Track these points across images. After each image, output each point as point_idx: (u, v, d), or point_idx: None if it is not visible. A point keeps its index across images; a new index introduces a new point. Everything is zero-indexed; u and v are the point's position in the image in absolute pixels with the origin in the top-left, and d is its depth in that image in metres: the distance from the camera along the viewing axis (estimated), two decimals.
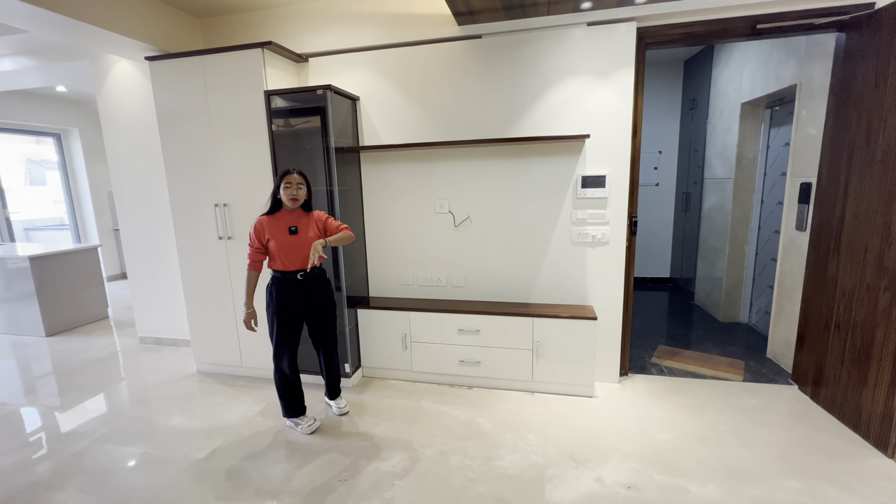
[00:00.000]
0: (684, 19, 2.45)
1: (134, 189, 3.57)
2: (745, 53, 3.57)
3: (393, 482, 1.95)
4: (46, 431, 2.50)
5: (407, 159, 2.94)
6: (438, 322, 2.79)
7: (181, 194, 2.91)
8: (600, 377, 2.84)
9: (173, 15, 3.01)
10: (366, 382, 2.94)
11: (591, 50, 2.55)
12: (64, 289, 4.26)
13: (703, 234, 4.36)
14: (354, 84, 2.92)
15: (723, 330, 3.78)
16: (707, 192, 4.28)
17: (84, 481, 2.03)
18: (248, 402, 2.71)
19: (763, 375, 2.91)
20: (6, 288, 4.14)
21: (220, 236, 2.87)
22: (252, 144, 2.70)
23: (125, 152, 3.53)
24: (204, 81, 2.71)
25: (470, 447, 2.19)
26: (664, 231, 5.32)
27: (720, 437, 2.23)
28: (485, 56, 2.70)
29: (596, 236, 2.72)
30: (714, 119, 4.13)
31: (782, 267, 3.01)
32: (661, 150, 5.19)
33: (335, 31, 2.91)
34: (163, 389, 2.94)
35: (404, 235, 3.05)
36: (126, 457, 2.21)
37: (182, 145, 2.84)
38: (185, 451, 2.24)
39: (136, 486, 1.99)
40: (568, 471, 2.00)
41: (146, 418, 2.58)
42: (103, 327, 4.33)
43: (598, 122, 2.60)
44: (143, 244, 3.66)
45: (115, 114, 3.49)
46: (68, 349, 3.77)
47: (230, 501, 1.86)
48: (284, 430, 2.40)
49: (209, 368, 3.15)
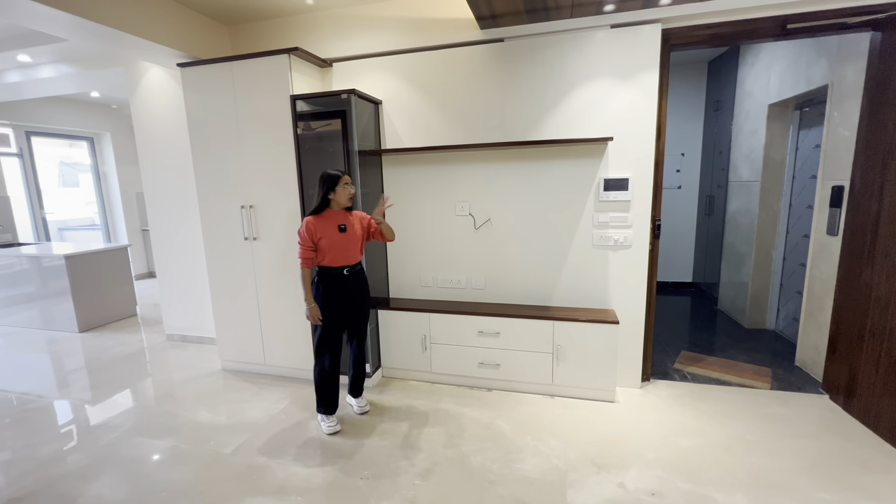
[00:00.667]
0: (711, 20, 2.41)
1: (163, 191, 3.69)
2: (773, 53, 3.49)
3: (414, 482, 1.97)
4: (80, 424, 2.61)
5: (428, 162, 2.96)
6: (458, 324, 2.80)
7: (209, 196, 3.00)
8: (622, 382, 2.80)
9: (204, 23, 3.11)
10: (385, 382, 2.97)
11: (614, 52, 2.53)
12: (96, 286, 4.42)
13: (728, 238, 4.26)
14: (377, 88, 2.96)
15: (748, 336, 3.68)
16: (732, 196, 4.18)
17: (116, 472, 2.11)
18: (272, 400, 2.77)
19: (791, 384, 2.83)
20: (42, 285, 4.32)
21: (246, 237, 2.95)
22: (277, 148, 2.77)
23: (156, 155, 3.66)
24: (232, 87, 2.79)
25: (490, 449, 2.19)
26: (686, 235, 5.22)
27: (746, 445, 2.18)
28: (507, 59, 2.71)
29: (618, 240, 2.69)
30: (740, 121, 4.05)
31: (812, 272, 2.92)
32: (684, 153, 5.10)
33: (359, 36, 2.96)
34: (189, 386, 3.03)
35: (425, 237, 3.07)
36: (155, 450, 2.28)
37: (210, 149, 2.93)
38: (211, 445, 2.30)
39: (166, 478, 2.05)
40: (590, 476, 1.98)
41: (173, 413, 2.66)
42: (132, 324, 4.48)
43: (622, 125, 2.58)
44: (171, 244, 3.78)
45: (147, 118, 3.62)
46: (100, 345, 3.91)
47: (256, 497, 1.91)
48: (307, 427, 2.44)
49: (233, 366, 3.23)
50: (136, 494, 1.95)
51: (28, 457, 2.25)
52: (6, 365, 3.53)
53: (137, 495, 1.94)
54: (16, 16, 2.31)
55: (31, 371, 3.39)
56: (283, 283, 2.92)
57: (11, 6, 2.19)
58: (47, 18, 2.35)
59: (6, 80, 3.92)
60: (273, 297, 2.97)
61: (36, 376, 3.29)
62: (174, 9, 2.89)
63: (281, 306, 2.96)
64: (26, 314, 4.45)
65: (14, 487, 2.02)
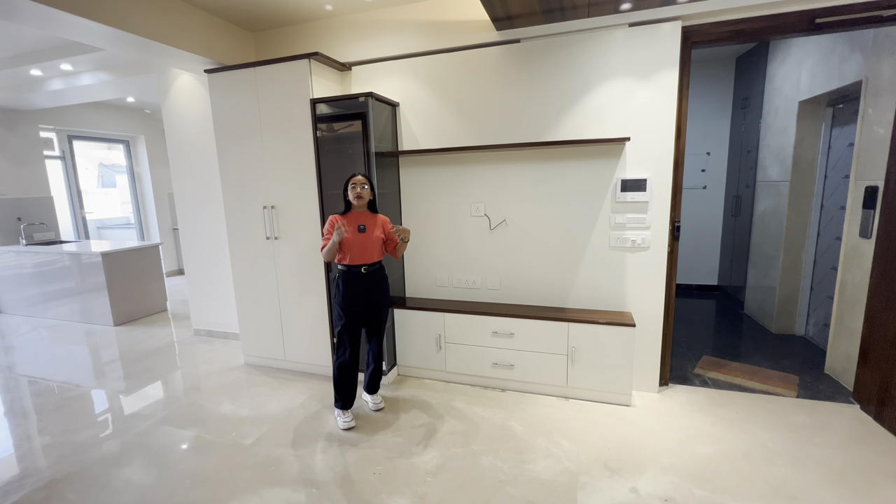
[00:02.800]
0: (734, 16, 2.34)
1: (192, 191, 3.85)
2: (803, 49, 3.35)
3: (425, 478, 2.00)
4: (113, 412, 2.76)
5: (444, 163, 2.99)
6: (473, 324, 2.82)
7: (233, 196, 3.12)
8: (638, 386, 2.76)
9: (230, 30, 3.23)
10: (400, 381, 3.01)
11: (632, 51, 2.49)
12: (130, 283, 4.65)
13: (755, 240, 4.12)
14: (394, 90, 3.01)
15: (775, 342, 3.55)
16: (760, 196, 4.04)
17: (146, 459, 2.22)
18: (290, 395, 2.86)
19: (820, 392, 2.72)
20: (81, 280, 4.58)
21: (268, 236, 3.05)
22: (298, 150, 2.85)
23: (185, 157, 3.82)
24: (256, 91, 2.89)
25: (502, 449, 2.20)
26: (711, 236, 5.07)
27: (769, 454, 2.11)
28: (523, 60, 2.71)
29: (636, 241, 2.65)
30: (769, 118, 3.91)
31: (844, 276, 2.80)
32: (710, 152, 4.95)
33: (377, 39, 3.02)
34: (214, 379, 3.15)
35: (440, 238, 3.10)
36: (182, 439, 2.39)
37: (235, 151, 3.04)
38: (233, 436, 2.39)
39: (191, 466, 2.15)
40: (602, 479, 1.97)
41: (199, 404, 2.78)
42: (162, 319, 4.69)
43: (640, 125, 2.54)
44: (199, 242, 3.94)
45: (178, 122, 3.79)
46: (132, 338, 4.11)
47: (274, 487, 1.98)
48: (323, 422, 2.51)
49: (255, 361, 3.34)
50: (162, 480, 2.05)
51: (66, 441, 2.40)
52: (49, 355, 3.76)
53: (164, 481, 2.05)
54: (59, 28, 2.47)
55: (70, 361, 3.60)
56: (304, 280, 3.00)
57: (56, 19, 2.34)
58: (87, 30, 2.50)
59: (50, 87, 4.17)
60: (293, 295, 3.06)
61: (75, 366, 3.49)
62: (202, 18, 3.02)
63: (300, 304, 3.05)
64: (66, 308, 4.72)
65: (53, 469, 2.16)
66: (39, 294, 4.83)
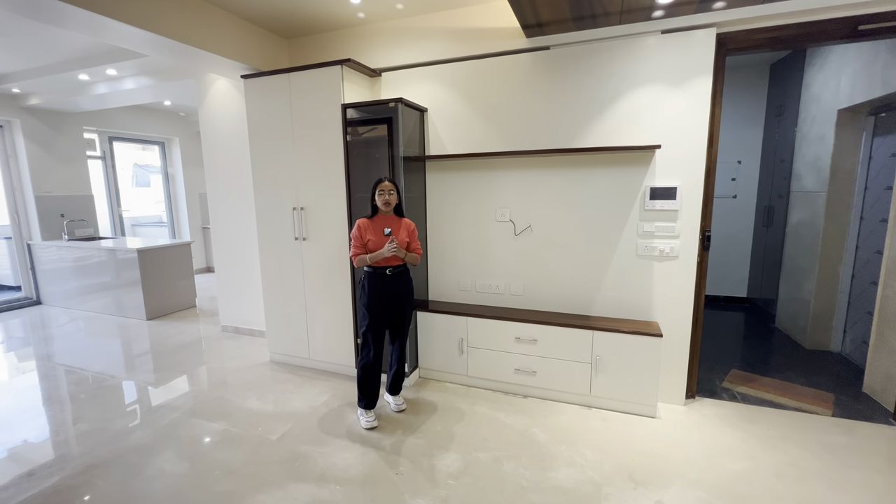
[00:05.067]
0: (772, 23, 2.30)
1: (224, 191, 3.98)
2: (843, 55, 3.25)
3: (447, 481, 2.01)
4: (146, 403, 2.86)
5: (470, 168, 3.01)
6: (495, 329, 2.82)
7: (264, 198, 3.21)
8: (664, 398, 2.70)
9: (266, 37, 3.34)
10: (422, 383, 3.03)
11: (664, 58, 2.47)
12: (162, 279, 4.83)
13: (788, 252, 3.99)
14: (423, 96, 3.06)
15: (809, 358, 3.43)
16: (794, 206, 3.92)
17: (177, 449, 2.30)
18: (314, 393, 2.91)
19: (857, 412, 2.61)
20: (116, 276, 4.77)
21: (297, 237, 3.12)
22: (328, 153, 2.92)
23: (219, 159, 3.96)
24: (289, 96, 2.98)
25: (524, 456, 2.19)
26: (741, 247, 4.93)
27: (802, 474, 2.04)
28: (552, 67, 2.71)
29: (664, 250, 2.61)
30: (805, 127, 3.79)
31: (885, 292, 2.68)
32: (741, 160, 4.83)
33: (407, 46, 3.07)
34: (240, 374, 3.24)
35: (465, 242, 3.12)
36: (211, 432, 2.47)
37: (267, 153, 3.14)
38: (259, 431, 2.45)
39: (220, 458, 2.22)
40: (626, 491, 1.94)
41: (226, 399, 2.86)
42: (192, 315, 4.84)
43: (671, 132, 2.50)
44: (229, 241, 4.06)
45: (213, 125, 3.93)
46: (163, 332, 4.26)
47: (298, 482, 2.02)
48: (346, 420, 2.55)
49: (280, 358, 3.42)
50: (193, 470, 2.12)
51: (103, 429, 2.51)
52: (85, 346, 3.93)
53: (194, 471, 2.11)
54: (106, 35, 2.60)
55: (105, 353, 3.76)
56: (330, 281, 3.06)
57: (103, 26, 2.47)
58: (133, 37, 2.63)
59: (96, 91, 4.39)
60: (319, 295, 3.12)
61: (109, 358, 3.64)
62: (241, 25, 3.13)
63: (326, 304, 3.11)
64: (102, 301, 4.93)
65: (91, 455, 2.25)
66: (78, 287, 5.06)
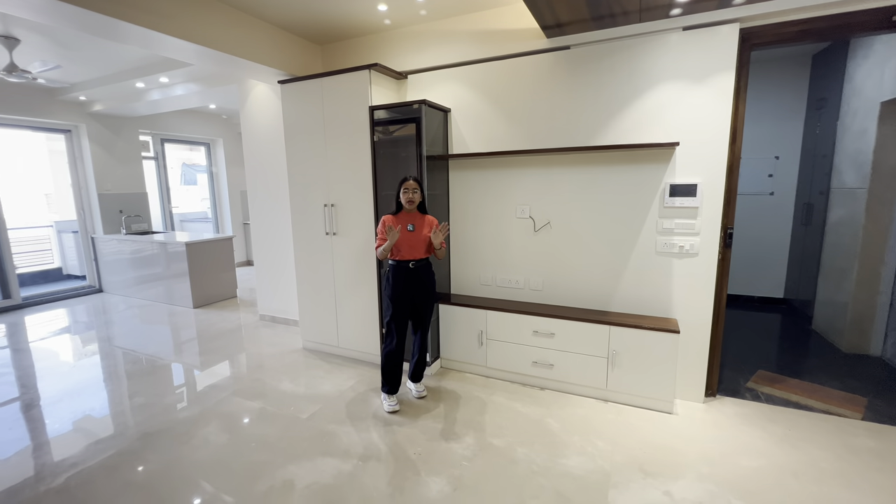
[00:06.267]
0: (798, 16, 2.25)
1: (263, 189, 4.26)
2: (889, 45, 3.09)
3: (462, 462, 2.13)
4: (193, 382, 3.15)
5: (491, 166, 3.10)
6: (514, 322, 2.91)
7: (298, 195, 3.43)
8: (682, 395, 2.70)
9: (301, 45, 3.56)
10: (443, 373, 3.16)
11: (686, 54, 2.46)
12: (207, 270, 5.20)
13: (827, 251, 3.82)
14: (446, 97, 3.17)
15: (845, 361, 3.30)
16: (834, 203, 3.75)
17: (220, 423, 2.54)
18: (342, 378, 3.10)
19: (890, 417, 2.51)
20: (166, 267, 5.19)
21: (327, 232, 3.32)
22: (356, 153, 3.09)
23: (259, 159, 4.24)
24: (321, 99, 3.17)
25: (537, 443, 2.28)
26: (778, 246, 4.74)
27: (820, 474, 2.02)
28: (572, 66, 2.76)
29: (684, 247, 2.61)
30: (846, 120, 3.62)
31: None
32: (779, 156, 4.64)
33: (431, 49, 3.19)
34: (276, 360, 3.49)
35: (486, 238, 3.22)
36: (249, 410, 2.70)
37: (302, 153, 3.35)
38: (292, 410, 2.67)
39: (257, 432, 2.44)
40: (635, 480, 1.99)
41: (263, 381, 3.10)
42: (233, 304, 5.20)
43: (692, 129, 2.50)
44: (267, 236, 4.34)
45: (253, 127, 4.21)
46: (208, 320, 4.61)
47: (325, 456, 2.20)
48: (370, 404, 2.72)
49: (312, 346, 3.65)
50: (233, 441, 2.35)
51: (156, 403, 2.80)
52: (140, 331, 4.32)
53: (234, 442, 2.34)
54: (159, 47, 2.87)
55: (157, 337, 4.13)
56: (358, 274, 3.24)
57: (156, 41, 2.72)
58: (182, 49, 2.88)
59: (150, 97, 4.78)
60: (348, 287, 3.31)
61: (160, 342, 4.00)
62: (278, 34, 3.35)
63: (353, 296, 3.29)
64: (154, 290, 5.38)
65: (147, 424, 2.54)
66: (134, 277, 5.54)
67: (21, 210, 6.74)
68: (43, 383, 3.15)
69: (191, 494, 1.96)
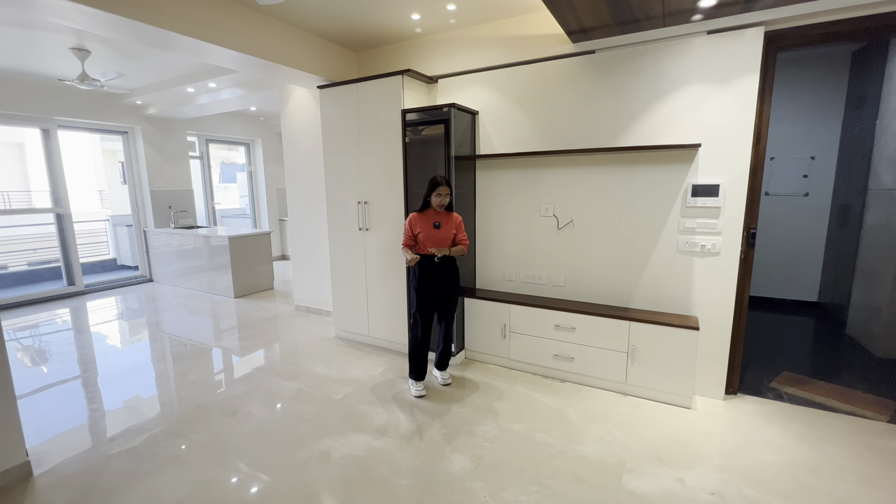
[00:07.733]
0: (825, 18, 2.27)
1: (300, 187, 4.53)
2: None
3: (483, 443, 2.27)
4: (236, 364, 3.43)
5: (517, 166, 3.23)
6: (536, 316, 3.02)
7: (334, 192, 3.66)
8: (703, 391, 2.75)
9: (338, 52, 3.79)
10: (467, 363, 3.31)
11: (710, 57, 2.51)
12: (247, 263, 5.55)
13: (863, 254, 3.74)
14: (474, 100, 3.32)
15: (878, 366, 3.23)
16: (871, 205, 3.66)
17: (262, 400, 2.79)
18: (372, 365, 3.30)
19: None
20: (209, 259, 5.57)
21: (360, 228, 3.53)
22: (388, 153, 3.28)
23: (297, 159, 4.51)
24: (357, 103, 3.38)
25: (555, 430, 2.40)
26: (812, 248, 4.63)
27: (837, 470, 2.05)
28: (597, 70, 2.85)
29: (705, 246, 2.65)
30: (885, 119, 3.53)
31: None
32: (814, 156, 4.54)
33: (461, 55, 3.35)
34: (310, 346, 3.73)
35: (510, 235, 3.34)
36: (287, 390, 2.94)
37: (338, 154, 3.58)
38: (326, 391, 2.88)
39: (295, 409, 2.67)
40: (649, 467, 2.08)
41: (299, 365, 3.34)
42: (270, 295, 5.52)
43: (716, 130, 2.54)
44: (303, 231, 4.61)
45: (292, 129, 4.48)
46: (247, 309, 4.93)
47: (357, 433, 2.40)
48: (398, 389, 2.90)
49: (344, 335, 3.88)
50: (274, 416, 2.58)
51: (207, 380, 3.08)
52: (185, 318, 4.68)
53: (275, 417, 2.57)
54: (208, 57, 3.15)
55: (202, 324, 4.47)
56: (388, 267, 3.44)
57: (204, 50, 2.98)
58: (229, 58, 3.15)
59: (198, 101, 5.15)
60: (378, 279, 3.51)
61: (205, 328, 4.33)
62: (317, 42, 3.59)
63: (383, 288, 3.49)
64: (199, 281, 5.77)
65: (201, 398, 2.81)
66: (181, 268, 5.96)
67: (81, 205, 7.35)
68: (103, 361, 3.51)
69: (240, 457, 2.19)
